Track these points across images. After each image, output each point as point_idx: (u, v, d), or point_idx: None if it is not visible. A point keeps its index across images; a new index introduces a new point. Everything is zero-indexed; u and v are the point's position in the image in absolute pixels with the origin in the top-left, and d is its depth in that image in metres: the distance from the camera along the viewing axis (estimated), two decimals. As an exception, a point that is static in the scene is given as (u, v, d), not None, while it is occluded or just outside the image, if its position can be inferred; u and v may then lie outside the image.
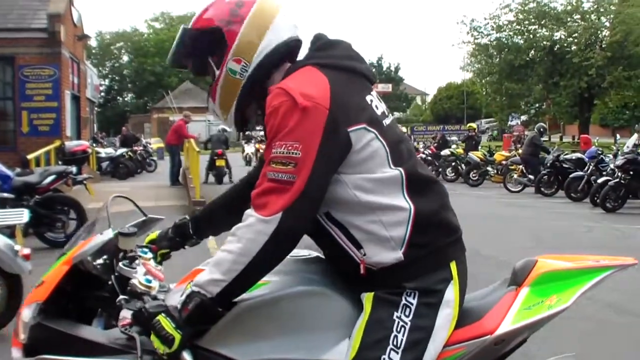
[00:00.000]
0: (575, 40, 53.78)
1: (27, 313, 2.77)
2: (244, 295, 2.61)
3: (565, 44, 54.81)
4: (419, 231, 2.60)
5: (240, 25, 2.75)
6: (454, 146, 31.78)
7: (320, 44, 2.81)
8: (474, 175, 27.39)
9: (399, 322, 2.56)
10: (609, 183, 18.37)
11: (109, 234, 2.98)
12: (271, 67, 2.79)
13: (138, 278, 2.75)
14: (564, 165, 22.87)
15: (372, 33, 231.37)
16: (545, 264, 2.78)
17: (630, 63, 50.09)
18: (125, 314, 2.72)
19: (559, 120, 67.37)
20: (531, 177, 24.09)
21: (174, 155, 25.47)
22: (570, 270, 2.76)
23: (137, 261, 2.94)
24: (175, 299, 2.65)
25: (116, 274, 2.90)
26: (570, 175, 21.60)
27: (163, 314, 2.56)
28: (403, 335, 2.54)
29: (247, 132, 26.14)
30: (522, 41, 55.91)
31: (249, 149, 35.09)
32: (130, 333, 2.65)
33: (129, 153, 32.47)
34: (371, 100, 2.71)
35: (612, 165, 19.67)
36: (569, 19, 54.89)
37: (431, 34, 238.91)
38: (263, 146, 22.13)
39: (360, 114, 2.60)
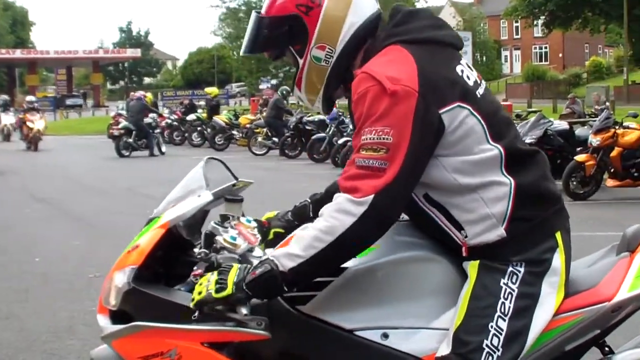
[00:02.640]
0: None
1: (120, 278, 2.69)
2: (353, 261, 2.53)
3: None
4: (521, 205, 2.52)
5: (320, 9, 2.60)
6: (199, 111, 31.32)
7: (400, 17, 2.63)
8: (219, 139, 27.04)
9: (506, 289, 2.50)
10: (349, 144, 18.50)
11: (207, 196, 2.83)
12: (356, 48, 2.64)
13: (223, 235, 2.70)
14: (307, 127, 23.04)
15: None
16: None
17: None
18: (200, 266, 2.68)
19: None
20: (275, 139, 24.16)
21: None
22: None
23: (230, 222, 2.82)
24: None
25: (207, 232, 2.80)
26: (313, 137, 21.79)
27: (235, 265, 2.50)
28: (510, 302, 2.49)
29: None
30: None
31: (7, 119, 32.92)
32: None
33: None
34: (462, 71, 2.57)
35: (351, 126, 19.74)
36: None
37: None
38: (29, 116, 21.30)
39: (452, 90, 2.48)
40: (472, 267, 2.56)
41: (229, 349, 2.62)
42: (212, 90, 33.57)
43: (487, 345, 2.46)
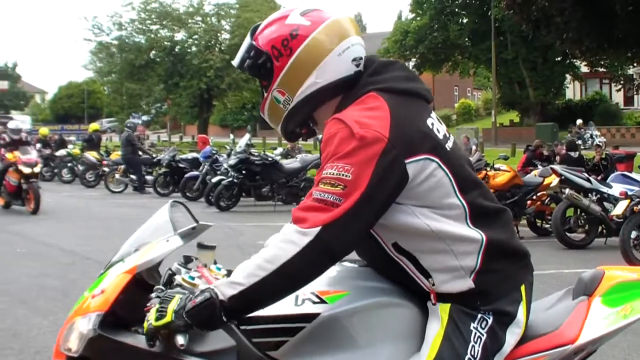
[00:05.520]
0: (196, 42, 54.96)
1: (85, 324, 2.65)
2: (327, 307, 2.56)
3: (185, 45, 55.83)
4: (490, 259, 2.60)
5: (288, 59, 2.67)
6: (70, 146, 30.57)
7: (375, 67, 2.71)
8: (90, 175, 26.41)
9: (476, 333, 2.57)
10: (223, 182, 18.65)
11: (177, 242, 2.82)
12: (316, 103, 2.72)
13: (183, 275, 2.70)
14: (180, 165, 22.74)
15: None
16: (614, 274, 2.85)
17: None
18: (153, 303, 2.57)
19: (179, 120, 68.41)
20: (133, 177, 24.03)
21: None
22: (637, 281, 2.83)
23: (192, 263, 2.87)
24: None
25: (169, 271, 2.80)
26: (186, 175, 21.54)
27: (177, 295, 2.50)
28: (479, 347, 2.56)
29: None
30: (144, 40, 56.03)
31: None
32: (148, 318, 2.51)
33: None
34: (432, 124, 2.63)
35: (225, 165, 19.82)
36: (190, 21, 56.06)
37: (52, 30, 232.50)
38: (20, 154, 19.49)
39: (422, 142, 2.53)
40: (443, 310, 2.62)
41: None
42: (93, 125, 32.91)
43: None
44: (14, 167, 17.87)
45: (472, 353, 2.56)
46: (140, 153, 24.75)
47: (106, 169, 26.14)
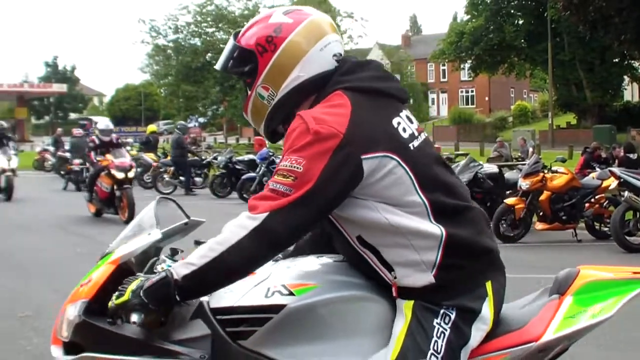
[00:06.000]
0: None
1: (72, 311, 2.79)
2: (294, 299, 2.65)
3: (241, 48, 56.05)
4: (451, 255, 2.64)
5: (272, 55, 2.77)
6: (127, 148, 30.87)
7: (347, 67, 2.80)
8: (147, 177, 26.60)
9: (439, 329, 2.62)
10: (280, 183, 18.48)
11: (156, 234, 2.98)
12: (299, 98, 2.80)
13: (161, 264, 2.86)
14: (237, 167, 22.88)
15: (46, 32, 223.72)
16: (587, 273, 2.83)
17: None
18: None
19: (235, 122, 68.65)
20: (182, 178, 24.11)
21: None
22: (612, 281, 2.82)
23: (178, 255, 3.02)
24: (224, 300, 2.70)
25: (152, 261, 2.93)
26: (243, 177, 21.54)
27: (140, 278, 2.66)
28: (442, 342, 2.61)
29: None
30: (199, 43, 56.36)
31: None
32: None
33: None
34: (399, 123, 2.72)
35: (282, 166, 19.78)
36: (245, 23, 56.04)
37: (109, 33, 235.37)
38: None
39: (381, 140, 2.61)
40: (407, 307, 2.68)
41: None
42: (150, 127, 33.22)
43: None
44: (106, 171, 16.39)
45: (435, 348, 2.61)
46: (189, 155, 24.84)
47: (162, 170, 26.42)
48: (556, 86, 55.14)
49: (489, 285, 2.71)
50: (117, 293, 2.64)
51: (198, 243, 2.91)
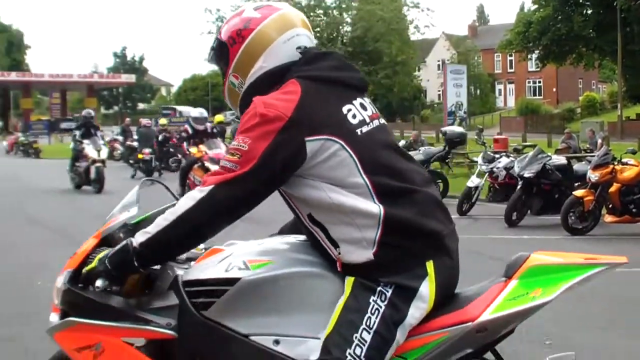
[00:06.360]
0: (318, 35, 55.07)
1: (60, 280, 3.10)
2: (248, 273, 2.87)
3: (308, 38, 55.84)
4: (390, 233, 2.79)
5: (240, 46, 3.04)
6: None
7: (307, 57, 3.01)
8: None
9: (374, 305, 2.76)
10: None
11: (134, 211, 3.27)
12: (264, 86, 2.99)
13: None
14: None
15: (115, 23, 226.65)
16: (536, 258, 2.88)
17: (370, 58, 51.96)
18: None
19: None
20: None
21: None
22: (559, 266, 2.86)
23: None
24: (193, 273, 2.98)
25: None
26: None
27: (108, 250, 2.99)
28: (376, 318, 2.74)
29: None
30: (265, 34, 56.34)
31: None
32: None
33: None
34: (349, 110, 2.91)
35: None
36: (312, 14, 56.10)
37: (177, 24, 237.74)
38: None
39: (327, 125, 2.81)
40: (348, 283, 2.86)
41: (147, 346, 3.07)
42: (218, 117, 33.45)
43: (349, 354, 2.72)
44: (199, 163, 15.32)
45: (368, 324, 2.74)
46: None
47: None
48: (625, 77, 54.25)
49: (430, 265, 2.83)
50: (88, 262, 3.01)
51: None
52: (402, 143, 22.96)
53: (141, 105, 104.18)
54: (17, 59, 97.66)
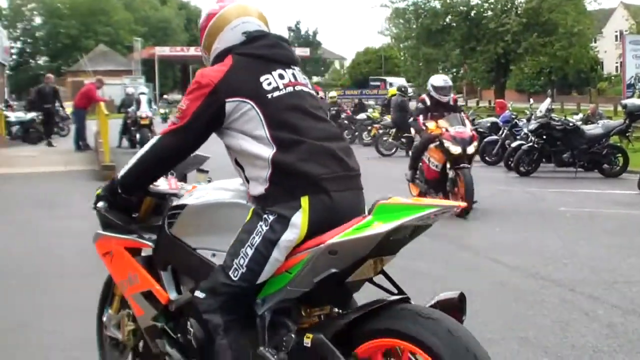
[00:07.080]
0: (492, 6, 54.26)
1: (100, 205, 4.04)
2: (191, 200, 3.87)
3: (482, 9, 55.09)
4: (275, 173, 3.46)
5: (204, 31, 3.88)
6: (370, 110, 31.47)
7: (246, 38, 3.74)
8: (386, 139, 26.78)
9: (258, 229, 3.45)
10: (523, 147, 18.46)
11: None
12: (218, 62, 3.72)
13: (201, 184, 4.22)
14: (479, 130, 21.89)
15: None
16: (393, 199, 3.27)
17: (545, 29, 50.76)
18: None
19: (475, 85, 68.08)
20: (403, 140, 24.22)
21: (79, 119, 24.65)
22: (407, 205, 3.20)
23: (208, 175, 4.42)
24: (174, 202, 4.01)
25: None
26: (485, 140, 21.39)
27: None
28: (258, 238, 3.43)
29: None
30: (439, 6, 55.87)
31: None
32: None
33: (40, 117, 30.08)
34: (266, 79, 3.62)
35: (525, 130, 19.60)
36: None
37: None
38: None
39: (243, 89, 3.55)
40: (250, 211, 3.57)
41: (142, 257, 4.15)
42: (392, 90, 33.56)
43: (236, 263, 3.45)
44: (437, 142, 12.44)
45: (252, 242, 3.43)
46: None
47: (380, 132, 26.31)
48: None
49: (304, 200, 3.42)
50: (98, 190, 4.07)
51: (199, 170, 4.38)
52: (579, 117, 22.42)
53: (315, 79, 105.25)
54: (195, 34, 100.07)
